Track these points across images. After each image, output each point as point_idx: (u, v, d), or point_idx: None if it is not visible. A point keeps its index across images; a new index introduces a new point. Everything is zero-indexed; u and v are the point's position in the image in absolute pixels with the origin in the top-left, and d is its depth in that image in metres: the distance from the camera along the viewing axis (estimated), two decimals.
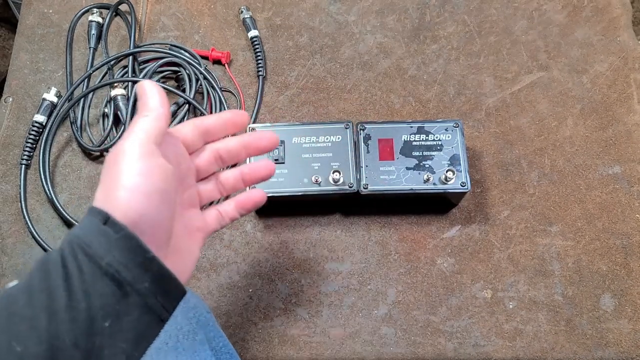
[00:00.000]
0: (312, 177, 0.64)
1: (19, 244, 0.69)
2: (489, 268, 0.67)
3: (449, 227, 0.69)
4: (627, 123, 0.73)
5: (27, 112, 0.75)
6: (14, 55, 0.79)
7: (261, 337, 0.64)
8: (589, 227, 0.68)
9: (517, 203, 0.70)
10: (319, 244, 0.68)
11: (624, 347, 0.63)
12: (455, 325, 0.64)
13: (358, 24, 0.81)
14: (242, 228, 0.69)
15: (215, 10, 0.82)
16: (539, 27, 0.79)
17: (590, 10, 0.80)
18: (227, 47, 0.80)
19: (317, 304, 0.66)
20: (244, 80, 0.78)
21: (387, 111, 0.75)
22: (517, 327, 0.64)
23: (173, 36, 0.80)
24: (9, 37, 1.16)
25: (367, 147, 0.65)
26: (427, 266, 0.67)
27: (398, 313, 0.65)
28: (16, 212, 0.70)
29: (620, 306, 0.65)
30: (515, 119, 0.74)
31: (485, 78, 0.77)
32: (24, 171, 0.71)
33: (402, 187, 0.64)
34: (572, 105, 0.75)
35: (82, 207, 0.70)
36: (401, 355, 0.63)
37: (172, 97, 0.77)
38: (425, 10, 0.81)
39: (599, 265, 0.67)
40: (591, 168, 0.71)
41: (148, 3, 0.83)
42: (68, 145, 0.74)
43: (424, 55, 0.78)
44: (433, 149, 0.65)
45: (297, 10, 0.82)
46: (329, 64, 0.78)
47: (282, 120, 0.75)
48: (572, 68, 0.77)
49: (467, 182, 0.64)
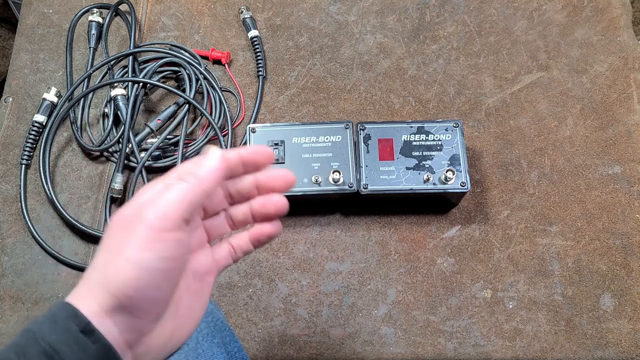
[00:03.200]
0: (312, 177, 0.64)
1: (19, 244, 0.69)
2: (489, 268, 0.67)
3: (449, 227, 0.69)
4: (627, 123, 0.73)
5: (27, 112, 0.75)
6: (14, 55, 0.79)
7: (261, 337, 0.64)
8: (589, 227, 0.68)
9: (517, 203, 0.70)
10: (319, 244, 0.68)
11: (624, 347, 0.63)
12: (455, 325, 0.64)
13: (358, 24, 0.81)
14: (242, 228, 0.69)
15: (215, 10, 0.82)
16: (539, 27, 0.79)
17: (590, 10, 0.80)
18: (227, 47, 0.80)
19: (317, 304, 0.66)
20: (244, 80, 0.78)
21: (387, 111, 0.75)
22: (517, 327, 0.64)
23: (173, 36, 0.80)
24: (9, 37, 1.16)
25: (367, 147, 0.65)
26: (427, 266, 0.67)
27: (398, 313, 0.65)
28: (16, 212, 0.70)
29: (620, 306, 0.65)
30: (515, 119, 0.74)
31: (485, 78, 0.77)
32: (24, 171, 0.71)
33: (402, 187, 0.64)
34: (572, 105, 0.75)
35: (82, 207, 0.70)
36: (401, 355, 0.63)
37: (172, 97, 0.77)
38: (425, 10, 0.81)
39: (599, 265, 0.67)
40: (591, 168, 0.71)
41: (148, 3, 0.83)
42: (68, 145, 0.74)
43: (424, 55, 0.78)
44: (433, 149, 0.65)
45: (297, 10, 0.82)
46: (329, 64, 0.78)
47: (282, 120, 0.75)
48: (572, 68, 0.77)
49: (467, 182, 0.64)
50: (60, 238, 0.69)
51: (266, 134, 0.66)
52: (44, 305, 0.66)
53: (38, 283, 0.67)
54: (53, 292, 0.66)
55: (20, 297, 0.66)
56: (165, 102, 0.77)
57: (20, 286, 0.67)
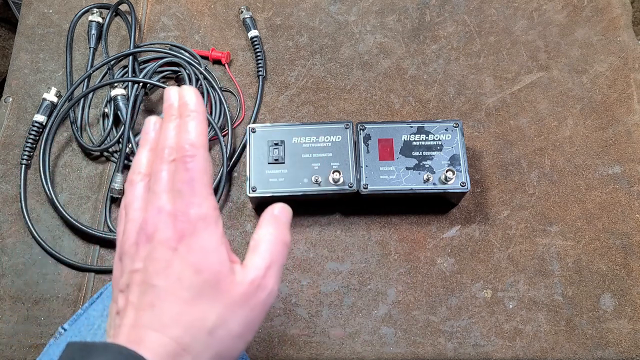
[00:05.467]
0: (312, 177, 0.64)
1: (19, 244, 0.69)
2: (489, 268, 0.67)
3: (449, 227, 0.69)
4: (627, 123, 0.73)
5: (27, 112, 0.75)
6: (14, 55, 0.79)
7: (261, 337, 0.64)
8: (589, 227, 0.68)
9: (517, 203, 0.70)
10: (319, 244, 0.68)
11: (624, 347, 0.63)
12: (455, 325, 0.64)
13: (358, 24, 0.81)
14: (242, 228, 0.69)
15: (215, 10, 0.82)
16: (539, 27, 0.79)
17: (590, 10, 0.80)
18: (227, 47, 0.80)
19: (317, 304, 0.66)
20: (244, 80, 0.78)
21: (387, 111, 0.75)
22: (517, 327, 0.64)
23: (173, 36, 0.80)
24: (9, 37, 1.16)
25: (367, 147, 0.65)
26: (427, 266, 0.67)
27: (398, 313, 0.65)
28: (16, 212, 0.70)
29: (620, 306, 0.65)
30: (515, 119, 0.74)
31: (485, 78, 0.77)
32: (24, 171, 0.71)
33: (402, 187, 0.64)
34: (572, 105, 0.75)
35: (82, 207, 0.70)
36: (401, 355, 0.63)
37: None
38: (425, 10, 0.81)
39: (599, 265, 0.67)
40: (591, 168, 0.71)
41: (148, 3, 0.83)
42: (68, 145, 0.74)
43: (424, 55, 0.78)
44: (433, 149, 0.65)
45: (297, 10, 0.82)
46: (329, 64, 0.78)
47: (282, 120, 0.75)
48: (572, 68, 0.77)
49: (467, 182, 0.64)
50: (60, 238, 0.69)
51: (266, 134, 0.66)
52: (44, 305, 0.66)
53: (38, 283, 0.67)
54: (53, 292, 0.66)
55: (20, 297, 0.66)
56: None
57: (20, 286, 0.67)
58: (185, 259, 0.31)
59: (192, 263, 0.31)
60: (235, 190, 0.71)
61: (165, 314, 0.30)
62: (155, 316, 0.30)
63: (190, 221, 0.31)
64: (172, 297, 0.30)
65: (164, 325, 0.30)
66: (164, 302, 0.30)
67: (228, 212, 0.70)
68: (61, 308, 0.65)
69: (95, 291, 0.64)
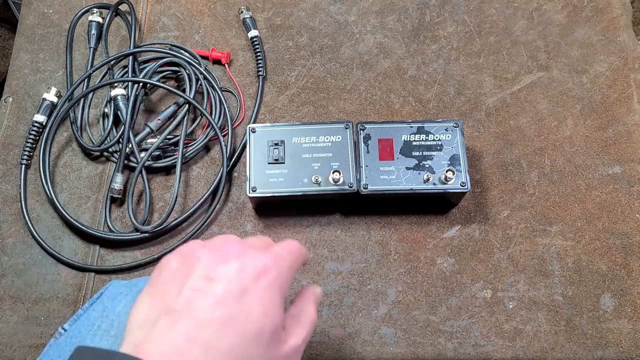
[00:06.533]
0: (312, 177, 0.64)
1: (19, 244, 0.69)
2: (489, 268, 0.67)
3: (449, 227, 0.69)
4: (627, 123, 0.73)
5: (27, 112, 0.75)
6: (14, 55, 0.79)
7: None
8: (589, 227, 0.68)
9: (517, 203, 0.70)
10: (319, 244, 0.68)
11: (624, 347, 0.63)
12: (455, 325, 0.64)
13: (358, 24, 0.81)
14: (242, 228, 0.69)
15: (215, 10, 0.82)
16: (539, 27, 0.79)
17: (590, 10, 0.80)
18: (227, 47, 0.80)
19: None
20: (244, 80, 0.78)
21: (387, 111, 0.75)
22: (517, 327, 0.64)
23: (173, 36, 0.80)
24: (9, 37, 1.16)
25: (367, 147, 0.65)
26: (427, 266, 0.67)
27: (398, 313, 0.65)
28: (16, 212, 0.70)
29: (620, 306, 0.65)
30: (515, 119, 0.74)
31: (485, 78, 0.77)
32: (24, 171, 0.71)
33: (402, 187, 0.64)
34: (572, 105, 0.75)
35: (82, 207, 0.70)
36: (401, 355, 0.63)
37: (172, 97, 0.77)
38: (425, 10, 0.81)
39: (599, 265, 0.67)
40: (591, 168, 0.71)
41: (148, 3, 0.83)
42: (68, 145, 0.74)
43: (424, 55, 0.78)
44: (433, 149, 0.65)
45: (297, 10, 0.82)
46: (329, 64, 0.78)
47: (282, 120, 0.75)
48: (572, 68, 0.77)
49: (467, 182, 0.64)
50: (60, 238, 0.69)
51: (266, 134, 0.66)
52: (44, 305, 0.66)
53: (38, 283, 0.67)
54: (53, 292, 0.66)
55: (20, 297, 0.66)
56: (165, 102, 0.77)
57: (20, 286, 0.67)
58: (257, 298, 0.34)
59: (262, 304, 0.34)
60: (235, 190, 0.71)
61: (223, 341, 0.31)
62: (212, 338, 0.31)
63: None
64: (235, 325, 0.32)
65: (217, 350, 0.31)
66: (227, 328, 0.32)
67: (228, 212, 0.70)
68: (61, 308, 0.65)
69: (95, 291, 0.64)
